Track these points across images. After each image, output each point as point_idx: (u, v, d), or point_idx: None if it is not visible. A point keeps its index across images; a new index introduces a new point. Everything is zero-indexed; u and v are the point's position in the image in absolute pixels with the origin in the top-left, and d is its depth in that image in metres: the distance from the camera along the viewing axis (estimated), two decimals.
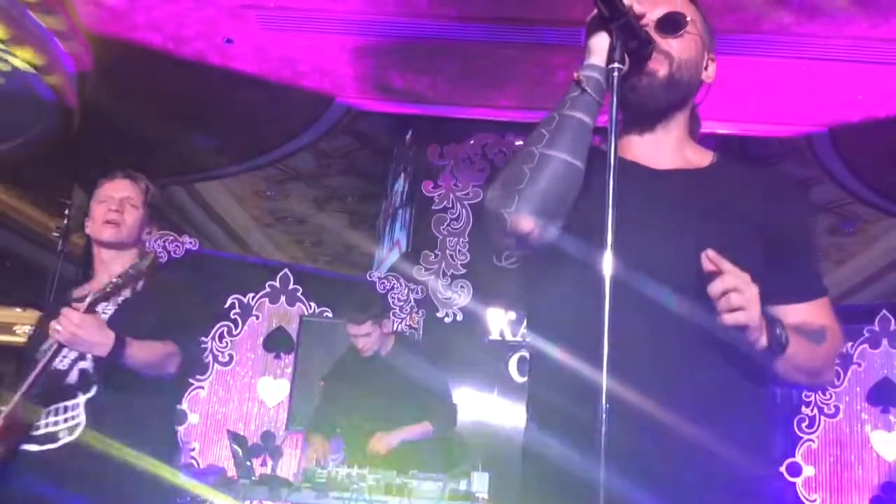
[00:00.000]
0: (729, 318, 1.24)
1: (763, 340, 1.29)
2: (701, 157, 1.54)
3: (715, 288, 1.25)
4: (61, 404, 2.33)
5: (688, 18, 1.46)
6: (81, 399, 2.33)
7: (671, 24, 1.44)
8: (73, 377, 2.35)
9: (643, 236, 1.37)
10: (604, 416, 1.16)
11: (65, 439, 2.30)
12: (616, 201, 1.24)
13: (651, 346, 1.34)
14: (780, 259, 1.43)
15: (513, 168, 1.37)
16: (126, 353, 2.24)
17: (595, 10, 1.34)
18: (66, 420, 2.32)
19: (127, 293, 2.37)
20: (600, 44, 1.36)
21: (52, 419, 2.33)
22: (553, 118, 1.38)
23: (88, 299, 2.22)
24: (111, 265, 2.52)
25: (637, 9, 1.34)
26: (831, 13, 4.28)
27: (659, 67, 1.43)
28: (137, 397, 2.37)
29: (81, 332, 2.17)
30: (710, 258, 1.27)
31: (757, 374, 1.40)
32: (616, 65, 1.31)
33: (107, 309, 2.40)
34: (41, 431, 2.32)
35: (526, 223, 1.33)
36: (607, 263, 1.20)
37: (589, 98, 1.36)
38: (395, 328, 4.95)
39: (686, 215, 1.42)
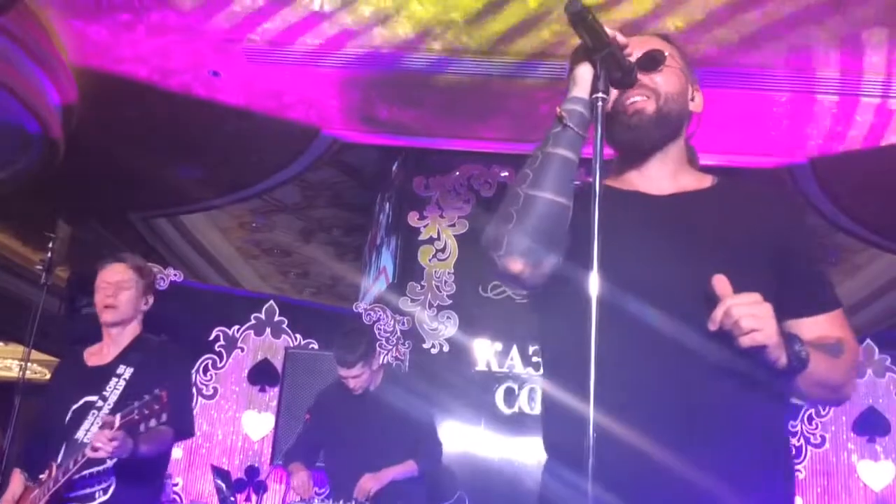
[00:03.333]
0: (746, 340, 1.24)
1: (783, 359, 1.28)
2: (700, 181, 1.56)
3: (725, 321, 1.26)
4: (94, 469, 2.71)
5: (665, 53, 1.49)
6: (110, 464, 2.72)
7: (650, 61, 1.47)
8: None
9: (648, 263, 1.38)
10: (591, 448, 1.16)
11: (100, 499, 2.73)
12: (618, 231, 1.27)
13: (665, 381, 1.33)
14: (792, 273, 1.43)
15: (501, 210, 1.39)
16: (140, 450, 2.67)
17: (579, 41, 1.35)
18: (99, 482, 2.74)
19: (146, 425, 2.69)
20: (584, 75, 1.38)
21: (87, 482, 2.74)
22: (536, 157, 1.39)
23: (119, 422, 2.57)
24: (118, 338, 2.99)
25: (620, 39, 1.36)
26: (811, 47, 4.35)
27: (647, 105, 1.46)
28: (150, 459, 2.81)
29: (116, 449, 2.56)
30: (718, 284, 1.28)
31: (775, 399, 1.39)
32: (600, 94, 1.33)
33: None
34: (82, 492, 2.72)
35: (515, 264, 1.35)
36: (593, 291, 1.21)
37: (571, 133, 1.37)
38: (382, 361, 4.92)
39: (689, 238, 1.43)
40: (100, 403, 2.81)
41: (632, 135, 1.46)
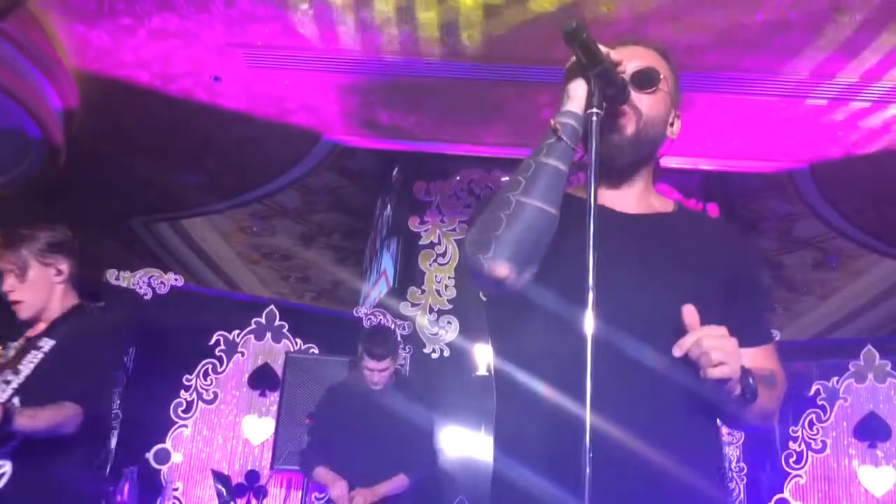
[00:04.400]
0: (713, 373, 1.29)
1: (738, 390, 1.35)
2: (664, 205, 1.62)
3: (693, 351, 1.30)
4: None
5: (661, 76, 1.52)
6: (7, 449, 2.44)
7: (645, 79, 1.50)
8: None
9: (614, 278, 1.39)
10: (588, 459, 1.18)
11: None
12: (582, 243, 1.30)
13: (620, 385, 1.37)
14: (739, 304, 1.51)
15: (490, 214, 1.40)
16: (15, 422, 2.35)
17: (573, 58, 1.38)
18: None
19: (13, 375, 2.49)
20: (578, 90, 1.41)
21: None
22: (529, 165, 1.41)
23: None
24: (48, 314, 2.70)
25: (614, 56, 1.39)
26: (811, 54, 4.36)
27: (628, 124, 1.49)
28: (58, 449, 2.49)
29: None
30: (687, 314, 1.33)
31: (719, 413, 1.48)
32: (594, 110, 1.36)
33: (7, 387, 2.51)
34: None
35: (502, 269, 1.37)
36: (589, 311, 1.25)
37: (564, 145, 1.40)
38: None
39: (656, 256, 1.49)
40: (10, 377, 2.55)
41: (606, 150, 1.48)
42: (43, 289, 2.69)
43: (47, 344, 2.60)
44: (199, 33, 4.56)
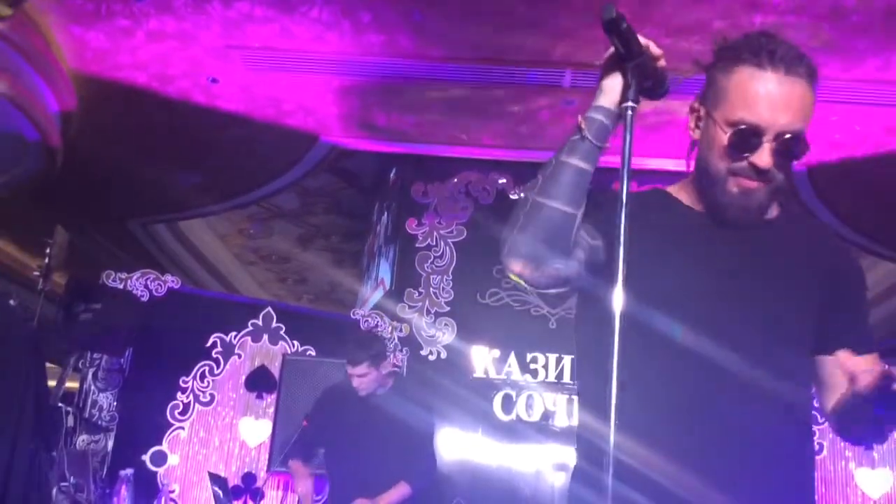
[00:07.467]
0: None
1: None
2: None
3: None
4: None
5: (807, 143, 1.43)
6: None
7: (787, 153, 1.41)
8: None
9: (708, 287, 1.39)
10: (611, 464, 1.17)
11: None
12: (681, 249, 1.38)
13: (702, 404, 1.36)
14: (841, 310, 1.45)
15: (513, 212, 1.41)
16: None
17: (611, 49, 1.33)
18: None
19: None
20: (613, 84, 1.34)
21: None
22: (550, 163, 1.39)
23: None
24: None
25: (653, 49, 1.32)
26: (809, 55, 4.36)
27: (758, 189, 1.40)
28: None
29: None
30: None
31: (804, 425, 1.46)
32: (630, 103, 1.30)
33: None
34: None
35: (515, 265, 1.38)
36: (617, 302, 1.22)
37: (588, 144, 1.35)
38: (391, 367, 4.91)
39: (753, 266, 1.43)
40: None
41: (734, 213, 1.42)
42: None
43: None
44: (197, 35, 4.56)
